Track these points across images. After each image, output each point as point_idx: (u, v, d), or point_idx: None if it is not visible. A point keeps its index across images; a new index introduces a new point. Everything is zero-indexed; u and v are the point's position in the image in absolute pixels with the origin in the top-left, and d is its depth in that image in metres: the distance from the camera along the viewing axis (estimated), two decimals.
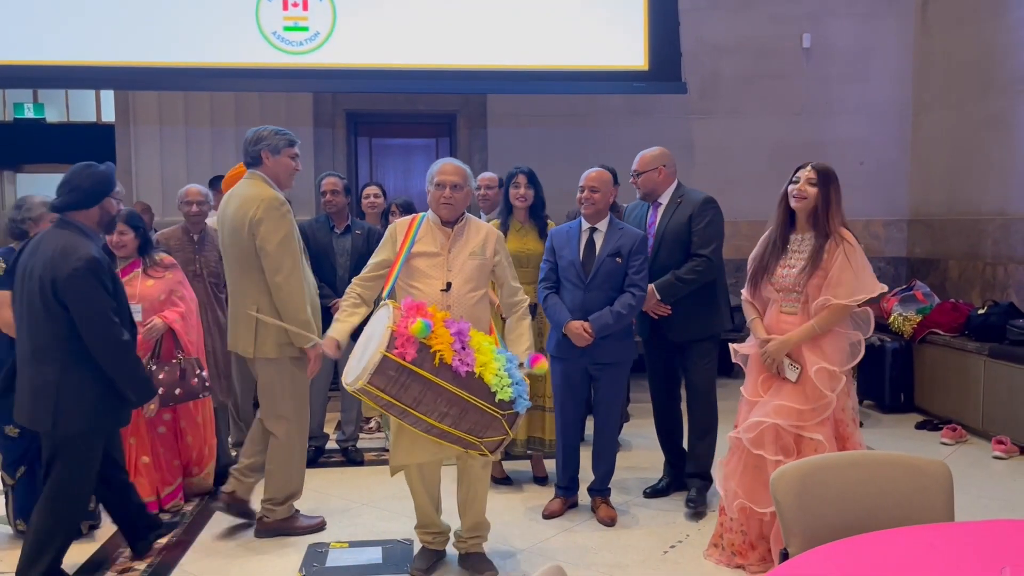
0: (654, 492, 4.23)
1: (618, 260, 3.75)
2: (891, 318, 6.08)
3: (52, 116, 9.34)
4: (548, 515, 3.94)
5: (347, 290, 3.32)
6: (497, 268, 3.31)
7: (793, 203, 3.21)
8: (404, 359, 2.81)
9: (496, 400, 2.90)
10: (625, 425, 4.96)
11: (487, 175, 4.75)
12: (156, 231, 4.79)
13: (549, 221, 4.31)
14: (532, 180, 4.23)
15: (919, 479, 2.03)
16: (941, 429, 5.40)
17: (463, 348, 2.91)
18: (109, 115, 8.17)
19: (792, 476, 1.98)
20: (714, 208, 3.98)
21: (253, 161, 3.66)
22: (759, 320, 3.32)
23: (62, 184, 3.16)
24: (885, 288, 3.23)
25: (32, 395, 3.02)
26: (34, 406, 3.02)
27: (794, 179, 3.23)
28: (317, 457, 4.77)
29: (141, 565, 3.44)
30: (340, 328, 3.25)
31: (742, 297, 3.44)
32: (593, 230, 3.83)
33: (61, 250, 2.99)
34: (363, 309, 3.28)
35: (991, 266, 6.42)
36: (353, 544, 3.65)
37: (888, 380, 5.97)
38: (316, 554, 3.55)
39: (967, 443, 5.25)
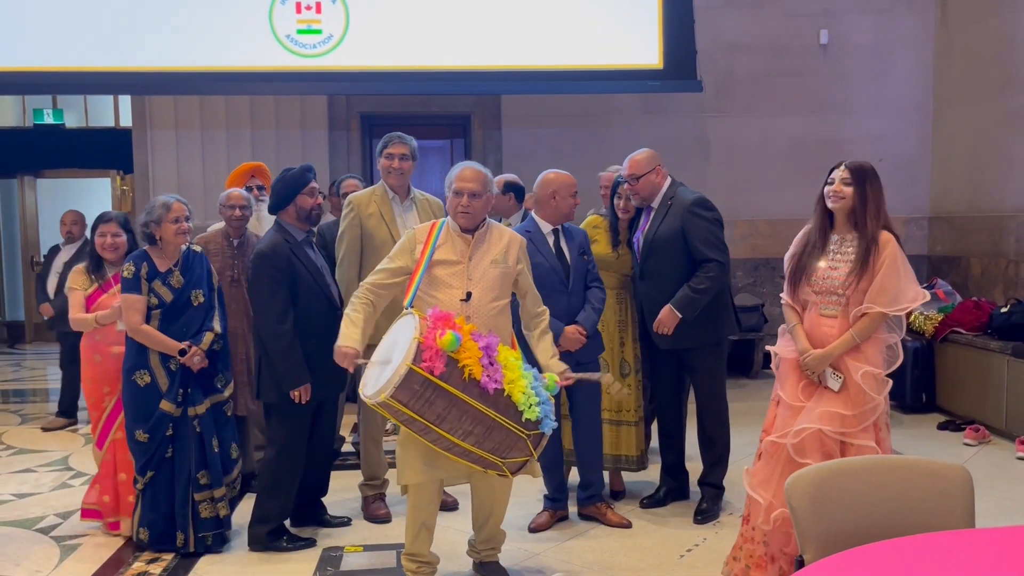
0: (652, 502, 4.05)
1: (584, 258, 3.73)
2: (912, 317, 6.00)
3: (71, 121, 9.44)
4: (535, 528, 3.78)
5: (357, 294, 3.12)
6: (520, 277, 3.16)
7: (830, 204, 3.09)
8: (432, 373, 2.67)
9: (523, 419, 2.79)
10: None
11: (501, 177, 4.68)
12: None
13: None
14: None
15: (939, 484, 1.99)
16: (964, 430, 5.32)
17: (491, 363, 2.78)
18: (127, 120, 8.24)
19: (808, 481, 1.95)
20: (708, 208, 3.80)
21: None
22: (800, 327, 3.15)
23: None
24: (928, 297, 3.10)
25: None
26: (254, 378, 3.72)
27: (829, 180, 3.12)
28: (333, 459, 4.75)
29: (156, 569, 3.44)
30: (354, 336, 3.00)
31: (782, 301, 3.28)
32: (557, 232, 3.74)
33: (255, 247, 3.71)
34: (377, 318, 3.12)
35: (1014, 263, 6.32)
36: (367, 548, 3.64)
37: (909, 380, 5.89)
38: (330, 558, 3.54)
39: (990, 444, 5.17)
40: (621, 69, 6.55)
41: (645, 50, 6.55)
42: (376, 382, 2.78)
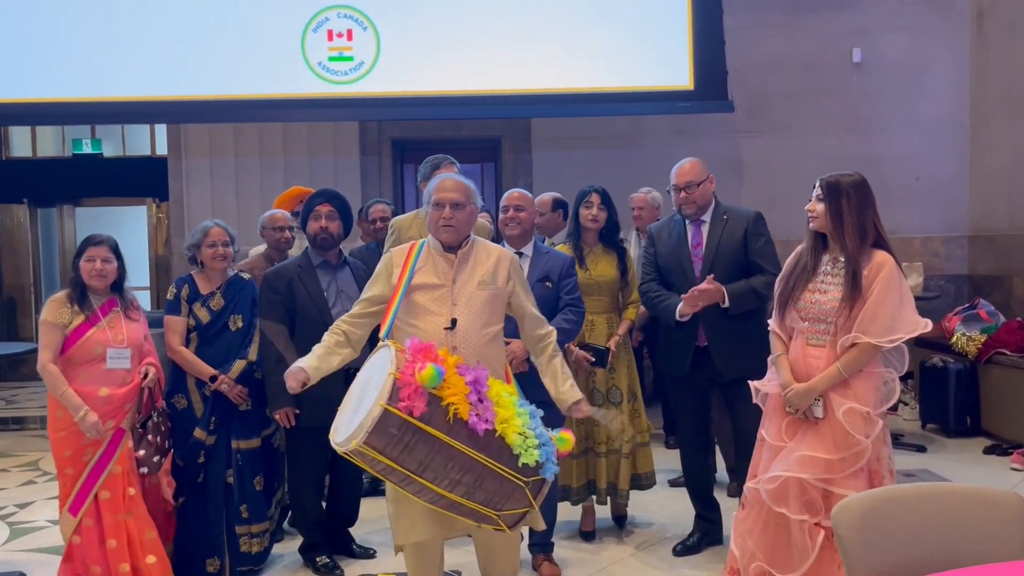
0: (685, 549, 3.76)
1: (548, 285, 3.45)
2: (954, 338, 5.85)
3: (109, 151, 9.61)
4: None
5: (331, 327, 2.79)
6: (513, 298, 2.81)
7: (809, 224, 2.86)
8: (411, 414, 2.31)
9: (519, 465, 2.41)
10: None
11: (548, 195, 4.64)
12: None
13: (625, 245, 4.03)
14: (605, 200, 3.87)
15: (992, 511, 1.91)
16: (1011, 454, 5.16)
17: (480, 400, 2.42)
18: (163, 148, 8.38)
19: (855, 509, 1.88)
20: (764, 223, 3.66)
21: None
22: (785, 358, 2.88)
23: None
24: (929, 326, 2.75)
25: None
26: None
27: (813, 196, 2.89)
28: (376, 487, 4.65)
29: None
30: (312, 364, 2.65)
31: (770, 327, 2.99)
32: (519, 255, 3.50)
33: None
34: (347, 351, 2.74)
35: None
36: None
37: (953, 403, 5.74)
38: None
39: None
40: (651, 91, 6.53)
41: (675, 71, 6.52)
42: (348, 426, 2.40)
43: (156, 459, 3.39)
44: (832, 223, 2.78)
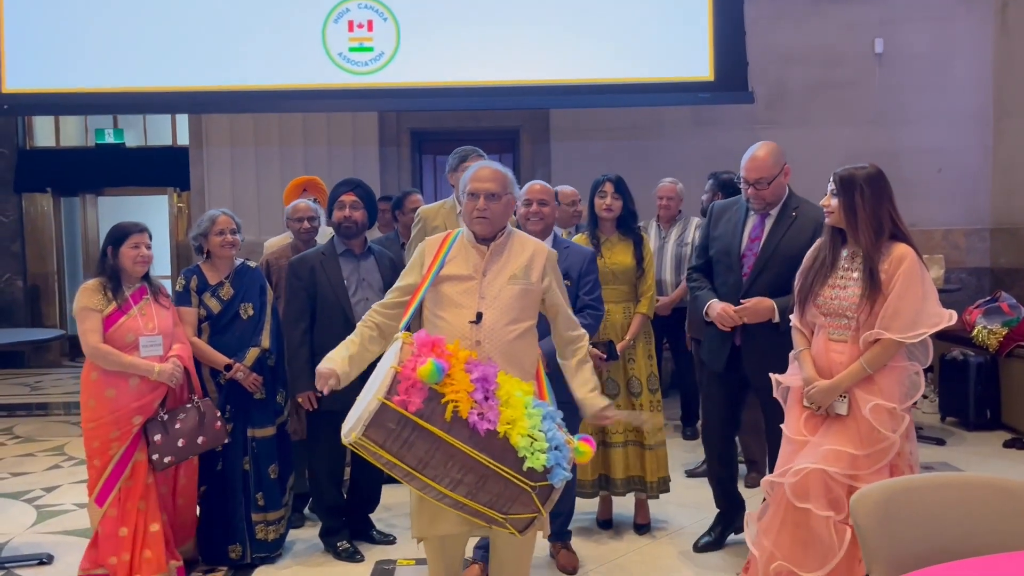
0: (707, 545, 3.67)
1: (567, 283, 3.20)
2: (975, 331, 5.81)
3: (131, 141, 9.68)
4: None
5: (364, 317, 2.75)
6: (548, 296, 2.71)
7: (825, 219, 2.83)
8: (407, 409, 2.28)
9: (525, 468, 2.32)
10: None
11: (566, 188, 4.63)
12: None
13: (644, 234, 3.97)
14: (619, 188, 3.81)
15: (1012, 503, 1.91)
16: None
17: (486, 399, 2.35)
18: (184, 138, 8.44)
19: (875, 498, 1.89)
20: None
21: None
22: (808, 353, 2.84)
23: None
24: (954, 318, 2.69)
25: None
26: None
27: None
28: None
29: None
30: (338, 357, 2.63)
31: (791, 323, 2.94)
32: None
33: None
34: (379, 347, 2.69)
35: None
36: (419, 562, 3.63)
37: (973, 396, 5.70)
38: (383, 571, 3.55)
39: None
40: (671, 82, 6.51)
41: (695, 62, 6.50)
42: (351, 419, 2.40)
43: (168, 459, 3.26)
44: (847, 218, 2.73)
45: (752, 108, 6.83)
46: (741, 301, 3.29)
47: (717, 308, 3.34)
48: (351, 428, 2.33)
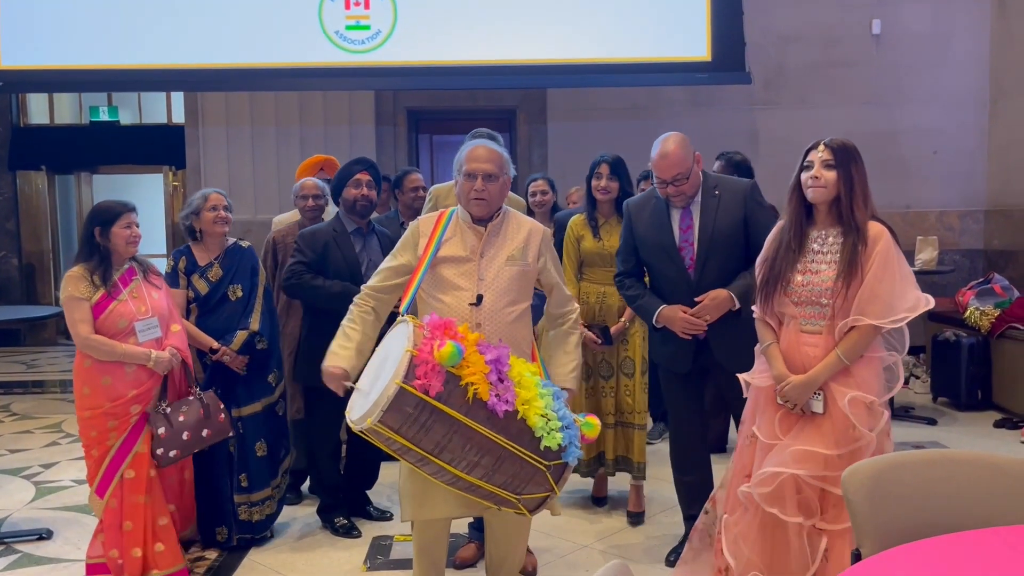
0: (680, 558, 3.18)
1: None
2: (967, 312, 5.86)
3: (126, 118, 9.64)
4: (461, 563, 3.34)
5: (356, 301, 2.67)
6: (543, 275, 2.70)
7: (810, 194, 2.54)
8: (427, 393, 2.23)
9: (541, 447, 2.32)
10: None
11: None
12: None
13: None
14: (616, 170, 3.73)
15: (1000, 479, 1.94)
16: (1021, 427, 5.18)
17: (500, 380, 2.32)
18: (179, 116, 8.41)
19: (865, 475, 1.92)
20: (760, 191, 3.23)
21: None
22: (776, 347, 2.61)
23: None
24: (931, 303, 2.49)
25: None
26: None
27: (806, 163, 2.56)
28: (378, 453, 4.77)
29: (212, 554, 3.52)
30: (344, 353, 2.57)
31: (755, 315, 2.71)
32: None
33: None
34: (376, 331, 2.65)
35: None
36: None
37: (964, 376, 5.75)
38: (380, 547, 3.59)
39: None
40: (668, 62, 6.50)
41: (693, 42, 6.49)
42: (363, 404, 2.33)
43: (173, 453, 3.15)
44: (845, 192, 2.51)
45: (750, 88, 6.83)
46: (696, 300, 3.11)
47: (675, 315, 3.12)
48: (365, 414, 2.26)
